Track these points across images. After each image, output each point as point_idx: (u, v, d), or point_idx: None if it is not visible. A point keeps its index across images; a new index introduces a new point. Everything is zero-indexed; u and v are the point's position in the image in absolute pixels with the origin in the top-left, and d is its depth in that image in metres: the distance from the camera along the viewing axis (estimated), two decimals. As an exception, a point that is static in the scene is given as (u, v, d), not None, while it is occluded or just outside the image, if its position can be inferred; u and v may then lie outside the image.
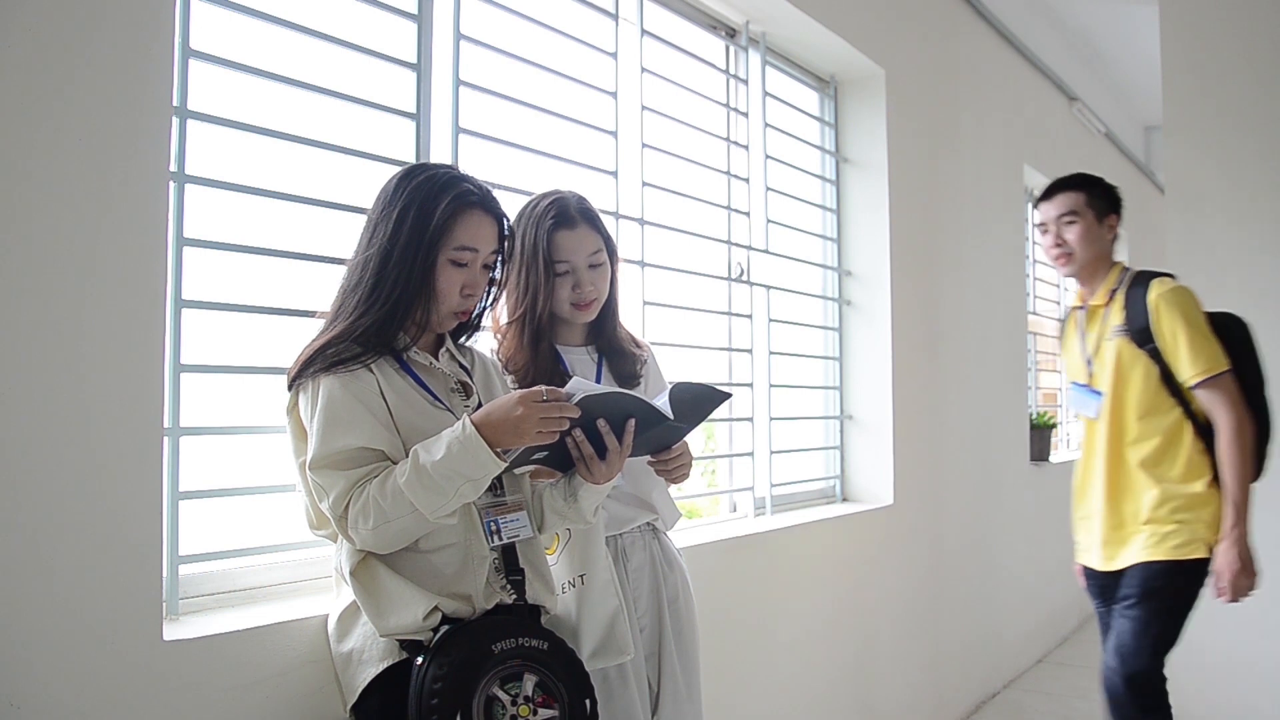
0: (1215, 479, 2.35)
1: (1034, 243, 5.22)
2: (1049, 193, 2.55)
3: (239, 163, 1.67)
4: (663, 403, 1.49)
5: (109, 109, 1.33)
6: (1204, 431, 2.37)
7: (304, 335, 1.48)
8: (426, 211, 1.44)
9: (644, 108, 2.57)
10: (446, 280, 1.47)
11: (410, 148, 1.94)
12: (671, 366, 2.38)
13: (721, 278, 2.95)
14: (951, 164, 3.93)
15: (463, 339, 1.64)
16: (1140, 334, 2.38)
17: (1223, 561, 2.30)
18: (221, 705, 1.42)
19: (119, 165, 1.34)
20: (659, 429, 1.53)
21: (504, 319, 1.81)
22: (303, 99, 1.77)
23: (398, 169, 1.54)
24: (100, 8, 1.32)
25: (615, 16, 2.53)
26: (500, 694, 1.35)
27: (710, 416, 1.62)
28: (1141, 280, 2.44)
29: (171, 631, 1.42)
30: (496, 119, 2.14)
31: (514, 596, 1.49)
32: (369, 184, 1.57)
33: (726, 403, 1.61)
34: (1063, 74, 5.16)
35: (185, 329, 1.54)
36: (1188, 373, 2.32)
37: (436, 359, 1.54)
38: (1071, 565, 2.61)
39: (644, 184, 2.56)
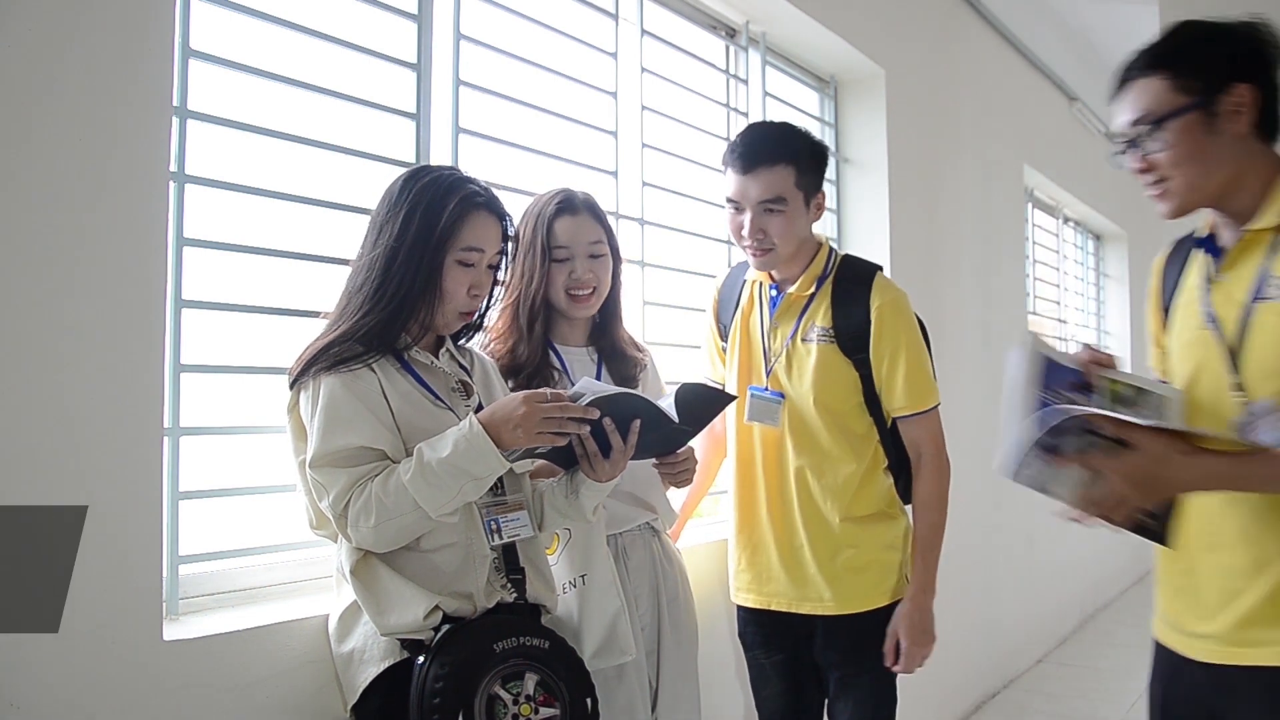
0: (902, 511, 2.04)
1: (1034, 242, 5.22)
2: (748, 161, 1.85)
3: (239, 163, 1.67)
4: (668, 404, 1.50)
5: (109, 109, 1.33)
6: (893, 460, 2.01)
7: (304, 335, 1.48)
8: (434, 212, 1.45)
9: (644, 108, 2.57)
10: (453, 281, 1.48)
11: (410, 148, 1.94)
12: (672, 367, 2.38)
13: (721, 278, 2.94)
14: (951, 164, 3.93)
15: (464, 339, 1.65)
16: (852, 341, 1.93)
17: (907, 625, 1.91)
18: (221, 705, 1.42)
19: (119, 165, 1.34)
20: (664, 431, 1.54)
21: (496, 313, 1.80)
22: (303, 99, 1.76)
23: (401, 170, 1.54)
24: (100, 8, 1.32)
25: (615, 16, 2.53)
26: (502, 693, 1.35)
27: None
28: (856, 272, 1.98)
29: (171, 631, 1.42)
30: (496, 119, 2.14)
31: (514, 595, 1.49)
32: (369, 184, 1.58)
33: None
34: (1063, 74, 5.15)
35: (185, 329, 1.54)
36: (900, 401, 1.94)
37: (437, 358, 1.54)
38: (1069, 565, 2.57)
39: (644, 184, 2.56)
